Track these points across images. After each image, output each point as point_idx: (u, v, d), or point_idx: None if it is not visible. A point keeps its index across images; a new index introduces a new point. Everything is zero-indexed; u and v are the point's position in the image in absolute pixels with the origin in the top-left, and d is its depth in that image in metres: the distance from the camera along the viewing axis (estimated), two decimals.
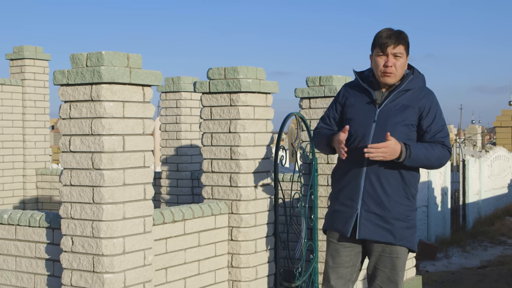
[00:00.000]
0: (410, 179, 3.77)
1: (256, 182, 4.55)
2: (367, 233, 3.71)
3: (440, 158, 3.74)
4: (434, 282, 8.77)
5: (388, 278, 3.76)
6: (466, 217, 14.33)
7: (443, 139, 3.77)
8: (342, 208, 3.80)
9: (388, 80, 3.76)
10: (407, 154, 3.61)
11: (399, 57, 3.73)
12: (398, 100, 3.76)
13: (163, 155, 7.35)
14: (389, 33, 3.74)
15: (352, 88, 3.92)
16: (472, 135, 28.70)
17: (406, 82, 3.78)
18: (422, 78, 3.86)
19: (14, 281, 4.00)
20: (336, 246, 3.84)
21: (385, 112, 3.74)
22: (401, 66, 3.76)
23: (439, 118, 3.79)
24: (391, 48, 3.71)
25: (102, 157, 3.39)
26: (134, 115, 3.52)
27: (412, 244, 3.80)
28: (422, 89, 3.82)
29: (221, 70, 4.54)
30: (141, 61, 3.55)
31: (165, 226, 4.03)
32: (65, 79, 3.49)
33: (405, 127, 3.72)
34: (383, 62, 3.73)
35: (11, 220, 3.99)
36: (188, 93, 7.24)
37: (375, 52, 3.77)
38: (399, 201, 3.73)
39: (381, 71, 3.74)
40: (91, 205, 3.43)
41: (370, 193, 3.71)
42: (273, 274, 4.73)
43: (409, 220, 3.77)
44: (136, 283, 3.54)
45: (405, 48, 3.77)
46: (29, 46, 8.08)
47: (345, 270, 3.83)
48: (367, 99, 3.82)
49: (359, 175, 3.74)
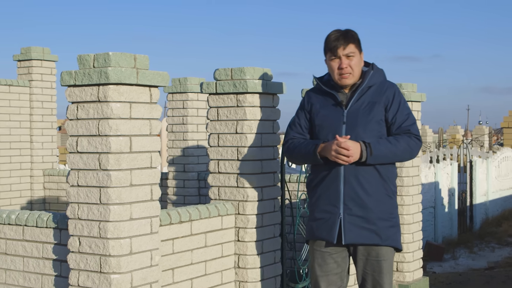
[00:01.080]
0: (388, 175, 3.75)
1: (263, 183, 4.55)
2: (353, 237, 3.67)
3: (407, 150, 3.71)
4: (441, 283, 8.75)
5: (377, 282, 3.72)
6: (473, 218, 14.28)
7: (410, 127, 3.75)
8: (325, 216, 3.74)
9: (347, 82, 3.75)
10: (368, 153, 3.58)
11: (352, 56, 3.73)
12: (364, 98, 3.75)
13: (170, 156, 7.36)
14: (337, 35, 3.74)
15: (316, 93, 3.90)
16: (479, 136, 28.61)
17: (367, 78, 3.76)
18: (382, 73, 3.86)
19: (21, 281, 4.01)
20: (322, 254, 3.79)
21: (353, 112, 3.73)
22: (356, 64, 3.75)
23: (403, 107, 3.78)
24: (342, 50, 3.72)
25: (109, 157, 3.40)
26: (141, 116, 3.53)
27: (398, 243, 3.79)
28: (384, 83, 3.82)
29: (228, 71, 4.55)
30: (148, 62, 3.56)
31: (172, 226, 4.03)
32: (72, 80, 3.50)
33: (375, 124, 3.71)
34: (337, 65, 3.74)
35: (18, 221, 4.00)
36: (195, 94, 7.25)
37: (328, 56, 3.78)
38: (381, 199, 3.71)
39: (338, 74, 3.74)
40: (98, 206, 3.44)
41: (350, 195, 3.68)
42: (280, 275, 4.73)
43: (392, 219, 3.76)
44: (143, 283, 3.55)
45: (356, 46, 3.76)
46: (36, 47, 8.11)
47: (334, 277, 3.80)
48: (332, 102, 3.80)
49: (337, 179, 3.70)
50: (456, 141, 27.78)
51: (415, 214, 6.57)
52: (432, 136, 30.90)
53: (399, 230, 3.82)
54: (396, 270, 6.50)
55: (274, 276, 4.66)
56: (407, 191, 6.44)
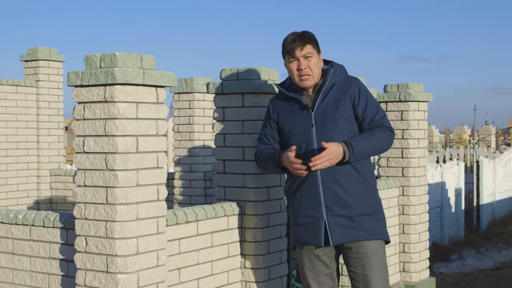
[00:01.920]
0: (365, 170, 3.75)
1: (269, 183, 4.55)
2: (339, 237, 3.66)
3: (384, 143, 3.72)
4: (448, 284, 8.73)
5: (370, 279, 3.69)
6: (480, 218, 14.24)
7: (381, 120, 3.74)
8: (307, 220, 3.73)
9: (307, 83, 3.74)
10: (350, 152, 3.57)
11: (310, 57, 3.72)
12: (328, 97, 3.73)
13: (176, 156, 7.37)
14: (293, 37, 3.73)
15: (280, 100, 3.89)
16: (486, 136, 28.54)
17: (329, 77, 3.75)
18: (342, 69, 3.84)
19: (28, 281, 4.03)
20: (310, 258, 3.78)
21: (321, 113, 3.71)
22: (315, 65, 3.73)
23: (371, 101, 3.77)
24: (299, 51, 3.70)
25: (115, 157, 3.41)
26: (147, 116, 3.53)
27: (386, 236, 3.78)
28: (346, 79, 3.80)
29: (234, 71, 4.55)
30: (154, 62, 3.57)
31: (178, 226, 4.04)
32: (79, 80, 3.51)
33: (345, 122, 3.70)
34: (295, 67, 3.72)
35: (25, 221, 4.01)
36: (201, 94, 7.26)
37: (286, 59, 3.77)
38: (361, 196, 3.70)
39: (298, 76, 3.72)
40: (104, 206, 3.45)
41: (331, 197, 3.67)
42: (286, 275, 4.73)
43: (376, 213, 3.74)
44: (150, 283, 3.55)
45: (313, 47, 3.75)
46: (43, 48, 8.14)
47: (325, 277, 3.80)
48: (298, 106, 3.78)
49: (315, 182, 3.69)
50: (462, 141, 27.72)
51: (422, 214, 6.56)
52: (438, 136, 30.85)
53: (385, 223, 3.81)
54: (403, 270, 6.49)
55: (280, 276, 4.66)
56: (413, 191, 6.43)
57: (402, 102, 6.42)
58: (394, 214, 6.36)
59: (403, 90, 6.44)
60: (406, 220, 6.45)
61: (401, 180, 6.46)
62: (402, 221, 6.46)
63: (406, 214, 6.44)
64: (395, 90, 6.47)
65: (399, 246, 6.47)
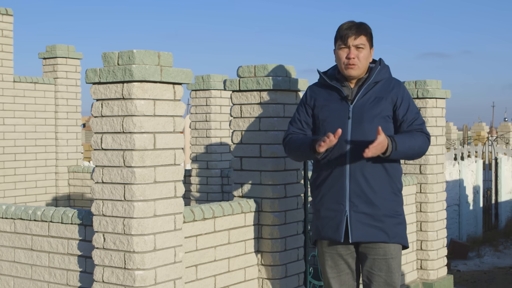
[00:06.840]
0: (394, 173, 3.70)
1: (286, 180, 4.55)
2: (360, 235, 3.61)
3: (422, 147, 3.67)
4: (465, 282, 8.67)
5: (385, 282, 3.65)
6: (498, 216, 14.14)
7: (421, 126, 3.70)
8: (330, 214, 3.67)
9: (352, 72, 3.68)
10: (393, 147, 3.52)
11: (362, 48, 3.67)
12: (370, 93, 3.68)
13: (193, 153, 7.38)
14: (350, 25, 3.68)
15: (319, 88, 3.82)
16: (505, 133, 28.31)
17: (374, 74, 3.70)
18: (388, 69, 3.80)
19: (47, 277, 4.06)
20: (332, 256, 3.74)
21: (359, 107, 3.65)
22: (365, 57, 3.68)
23: (413, 106, 3.73)
24: (352, 40, 3.65)
25: (133, 154, 3.42)
26: (165, 113, 3.54)
27: (405, 240, 3.73)
28: (390, 79, 3.76)
29: (251, 68, 4.55)
30: (171, 59, 3.57)
31: (195, 223, 4.05)
32: (97, 78, 3.53)
33: (382, 120, 3.64)
34: (345, 55, 3.67)
35: (44, 217, 4.04)
36: (218, 91, 7.27)
37: (337, 45, 3.71)
38: (387, 197, 3.65)
39: (344, 63, 3.66)
40: (122, 203, 3.46)
41: (356, 192, 3.61)
42: (303, 272, 4.72)
43: (398, 216, 3.69)
44: (167, 280, 3.57)
45: (368, 39, 3.70)
46: (61, 45, 8.19)
47: (346, 276, 3.76)
48: (337, 97, 3.72)
49: (342, 176, 3.63)
50: (481, 138, 27.52)
51: (440, 212, 6.52)
52: (456, 133, 30.64)
53: (405, 228, 3.76)
54: (420, 268, 6.46)
55: (297, 273, 4.66)
56: (431, 188, 6.39)
57: (420, 99, 6.38)
58: (411, 211, 6.33)
59: (421, 87, 6.40)
60: (423, 217, 6.41)
61: (418, 177, 6.43)
62: (420, 218, 6.43)
63: (423, 212, 6.41)
64: (413, 87, 6.44)
65: (417, 244, 6.45)
